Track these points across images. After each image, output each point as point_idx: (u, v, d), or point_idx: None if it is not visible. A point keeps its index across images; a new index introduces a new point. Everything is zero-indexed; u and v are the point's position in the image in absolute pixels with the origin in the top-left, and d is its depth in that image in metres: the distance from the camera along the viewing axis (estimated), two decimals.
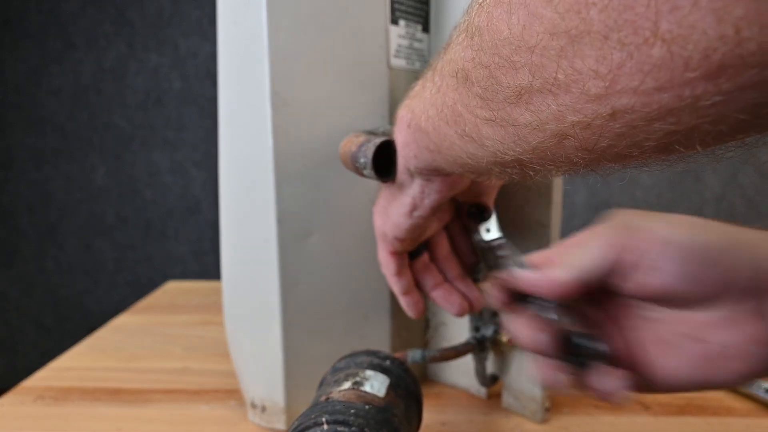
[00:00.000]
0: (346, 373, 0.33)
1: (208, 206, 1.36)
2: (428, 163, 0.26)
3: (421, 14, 0.44)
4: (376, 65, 0.41)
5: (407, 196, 0.30)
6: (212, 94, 1.32)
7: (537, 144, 0.17)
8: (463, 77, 0.19)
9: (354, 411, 0.27)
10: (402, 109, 0.28)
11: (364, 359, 0.34)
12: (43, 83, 1.35)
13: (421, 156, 0.26)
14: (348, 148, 0.34)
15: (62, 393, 0.49)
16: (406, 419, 0.30)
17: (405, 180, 0.30)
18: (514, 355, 0.43)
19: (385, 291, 0.45)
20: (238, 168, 0.44)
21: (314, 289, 0.42)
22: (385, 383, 0.31)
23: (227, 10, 0.43)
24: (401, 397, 0.31)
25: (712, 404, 0.46)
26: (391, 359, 0.34)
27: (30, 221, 1.41)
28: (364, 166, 0.32)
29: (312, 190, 0.41)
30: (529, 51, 0.14)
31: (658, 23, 0.11)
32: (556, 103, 0.15)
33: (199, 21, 1.29)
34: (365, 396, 0.29)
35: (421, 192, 0.29)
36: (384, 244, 0.35)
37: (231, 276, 0.49)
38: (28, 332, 1.47)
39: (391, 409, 0.29)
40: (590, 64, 0.13)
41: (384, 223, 0.34)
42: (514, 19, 0.15)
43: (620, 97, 0.13)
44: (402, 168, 0.29)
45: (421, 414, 0.34)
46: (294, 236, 0.41)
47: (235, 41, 0.43)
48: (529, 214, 0.41)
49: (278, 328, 0.42)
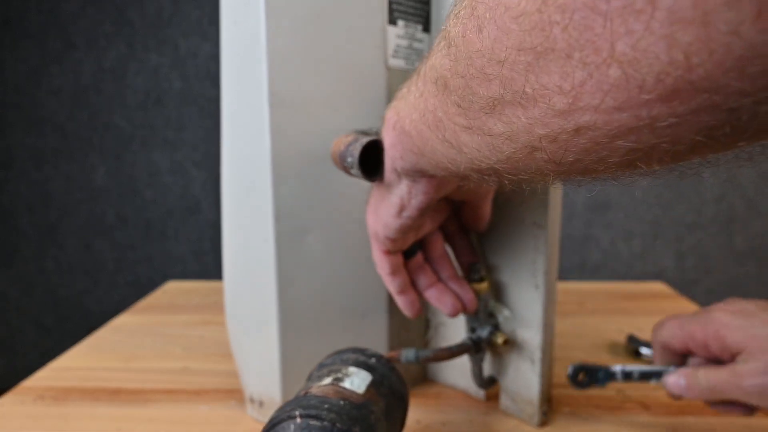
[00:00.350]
0: (330, 369, 0.33)
1: (208, 206, 1.36)
2: (413, 164, 0.27)
3: (422, 14, 0.44)
4: (374, 66, 0.42)
5: (395, 197, 0.31)
6: (212, 94, 1.32)
7: (510, 154, 0.17)
8: (442, 85, 0.19)
9: (328, 406, 0.28)
10: (389, 111, 0.28)
11: (350, 356, 0.35)
12: (43, 83, 1.35)
13: (407, 157, 0.27)
14: (337, 148, 0.34)
15: (62, 393, 0.49)
16: (386, 417, 0.30)
17: (393, 180, 0.30)
18: (512, 357, 0.43)
19: (382, 291, 0.45)
20: (238, 167, 0.45)
21: (311, 287, 0.43)
22: (366, 380, 0.32)
23: (228, 10, 0.44)
24: (383, 395, 0.32)
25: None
26: (377, 357, 0.35)
27: (30, 221, 1.41)
28: (351, 165, 0.33)
29: (309, 190, 0.41)
30: (500, 64, 0.15)
31: (615, 45, 0.11)
32: (525, 115, 0.15)
33: (199, 21, 1.29)
34: (343, 392, 0.30)
35: (408, 192, 0.30)
36: (377, 243, 0.36)
37: (232, 273, 0.49)
38: (28, 332, 1.47)
39: (369, 406, 0.29)
40: (555, 81, 0.13)
41: (375, 223, 0.34)
42: (485, 33, 0.15)
43: (583, 113, 0.13)
44: (389, 168, 0.29)
45: (406, 413, 0.34)
46: (291, 235, 0.41)
47: (236, 41, 0.43)
48: (525, 215, 0.40)
49: (275, 325, 0.42)
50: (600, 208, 1.26)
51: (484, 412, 0.45)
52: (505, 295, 0.43)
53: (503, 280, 0.44)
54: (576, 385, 0.40)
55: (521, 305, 0.42)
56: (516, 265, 0.41)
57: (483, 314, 0.42)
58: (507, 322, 0.43)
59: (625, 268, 1.28)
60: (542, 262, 0.39)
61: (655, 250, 1.27)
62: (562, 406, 0.45)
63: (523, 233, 0.40)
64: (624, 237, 1.27)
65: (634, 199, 1.25)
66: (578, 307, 0.76)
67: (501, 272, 0.44)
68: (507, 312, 0.43)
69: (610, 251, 1.27)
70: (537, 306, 0.40)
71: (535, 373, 0.40)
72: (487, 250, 0.44)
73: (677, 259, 1.26)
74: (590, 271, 1.29)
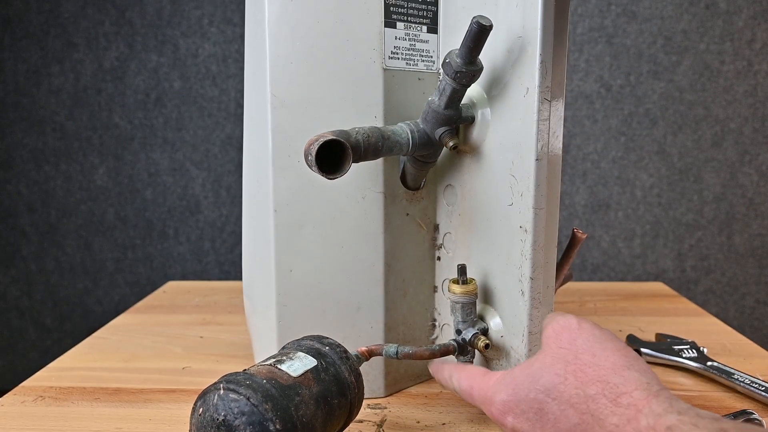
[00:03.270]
0: (283, 352, 0.36)
1: (208, 206, 1.36)
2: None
3: (427, 15, 0.46)
4: (370, 68, 0.43)
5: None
6: (212, 94, 1.32)
7: None
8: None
9: (250, 383, 0.30)
10: (657, 418, 0.25)
11: (306, 342, 0.37)
12: (43, 83, 1.35)
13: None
14: (305, 146, 0.35)
15: (62, 393, 0.49)
16: (318, 402, 0.32)
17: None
18: (501, 363, 0.42)
19: (379, 286, 0.47)
20: (252, 162, 0.50)
21: (307, 278, 0.45)
22: (307, 366, 0.33)
23: (249, 22, 0.48)
24: (323, 382, 0.33)
25: (712, 404, 0.46)
26: (332, 346, 0.36)
27: (30, 221, 1.41)
28: (311, 164, 0.34)
29: (306, 185, 0.44)
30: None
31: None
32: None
33: (199, 21, 1.29)
34: (276, 373, 0.32)
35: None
36: (491, 411, 0.33)
37: (248, 257, 0.54)
38: (28, 332, 1.47)
39: (297, 388, 0.31)
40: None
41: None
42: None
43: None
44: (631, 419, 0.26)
45: (354, 402, 0.36)
46: (288, 226, 0.44)
47: (251, 48, 0.48)
48: (513, 219, 0.40)
49: (274, 310, 0.46)
50: (600, 208, 1.26)
51: (484, 415, 0.45)
52: (494, 301, 0.43)
53: (493, 285, 0.43)
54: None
55: (509, 311, 0.41)
56: (504, 270, 0.41)
57: (469, 316, 0.42)
58: (497, 327, 0.42)
59: (625, 268, 1.28)
60: (528, 267, 0.38)
61: (655, 250, 1.27)
62: None
63: (512, 237, 0.40)
64: (624, 237, 1.27)
65: (634, 198, 1.25)
66: (578, 307, 0.76)
67: (491, 277, 0.43)
68: (497, 317, 0.43)
69: (610, 251, 1.27)
70: (522, 313, 0.39)
71: None
72: (479, 253, 0.44)
73: (677, 259, 1.26)
74: (590, 271, 1.29)
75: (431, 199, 0.49)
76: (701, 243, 1.25)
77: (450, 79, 0.37)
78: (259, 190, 0.47)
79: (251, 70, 0.48)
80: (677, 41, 1.21)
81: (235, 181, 1.36)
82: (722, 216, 1.23)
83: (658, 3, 1.20)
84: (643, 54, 1.22)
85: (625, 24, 1.21)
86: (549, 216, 0.38)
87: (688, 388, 0.50)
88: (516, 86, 0.38)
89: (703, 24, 1.20)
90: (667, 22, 1.21)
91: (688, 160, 1.23)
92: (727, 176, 1.23)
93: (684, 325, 0.67)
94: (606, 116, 1.24)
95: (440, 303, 0.50)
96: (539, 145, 0.36)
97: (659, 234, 1.26)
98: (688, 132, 1.23)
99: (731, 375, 0.49)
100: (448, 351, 0.41)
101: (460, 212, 0.46)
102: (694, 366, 0.52)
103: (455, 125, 0.41)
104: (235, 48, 1.29)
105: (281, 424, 0.29)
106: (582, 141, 1.25)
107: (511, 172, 0.39)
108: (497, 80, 0.40)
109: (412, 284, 0.48)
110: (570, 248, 0.45)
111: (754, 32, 1.20)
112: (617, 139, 1.24)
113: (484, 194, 0.43)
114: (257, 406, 0.29)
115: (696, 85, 1.22)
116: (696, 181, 1.23)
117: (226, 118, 1.32)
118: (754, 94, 1.21)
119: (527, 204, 0.38)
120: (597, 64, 1.23)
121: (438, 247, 0.50)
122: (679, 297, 0.80)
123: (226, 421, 0.29)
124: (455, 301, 0.41)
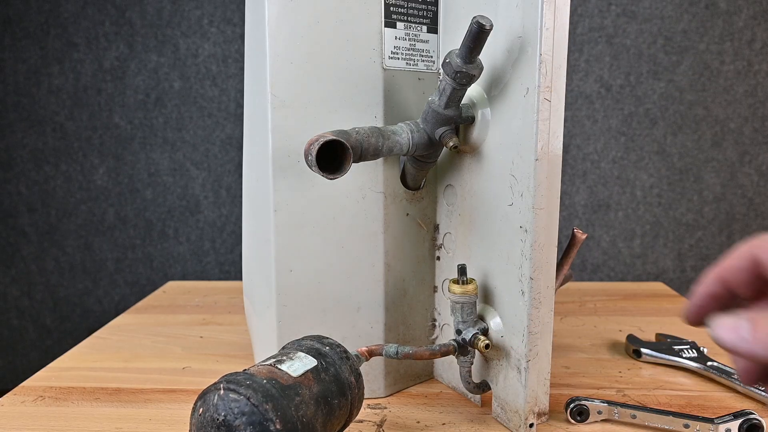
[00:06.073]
0: (283, 352, 0.36)
1: (208, 206, 1.36)
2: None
3: (427, 15, 0.46)
4: (370, 68, 0.43)
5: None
6: (212, 94, 1.32)
7: None
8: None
9: (250, 383, 0.30)
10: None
11: (307, 342, 0.37)
12: (43, 83, 1.35)
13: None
14: (305, 147, 0.35)
15: (62, 393, 0.49)
16: (318, 402, 0.32)
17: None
18: (502, 364, 0.42)
19: (379, 286, 0.47)
20: (252, 162, 0.50)
21: (307, 278, 0.45)
22: (308, 366, 0.33)
23: (249, 22, 0.48)
24: (323, 381, 0.33)
25: (712, 404, 0.46)
26: (332, 346, 0.36)
27: (30, 221, 1.41)
28: (311, 164, 0.34)
29: (306, 185, 0.44)
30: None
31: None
32: None
33: (199, 21, 1.29)
34: (276, 373, 0.32)
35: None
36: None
37: (248, 257, 0.54)
38: (28, 332, 1.47)
39: (297, 388, 0.31)
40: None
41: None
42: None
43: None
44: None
45: (355, 402, 0.36)
46: (288, 226, 0.44)
47: (252, 48, 0.47)
48: (513, 219, 0.40)
49: (274, 310, 0.45)
50: (600, 208, 1.26)
51: (485, 413, 0.45)
52: (494, 301, 0.43)
53: (493, 285, 0.43)
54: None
55: (509, 311, 0.41)
56: (504, 270, 0.41)
57: (470, 316, 0.42)
58: (497, 327, 0.42)
59: (625, 268, 1.28)
60: (528, 267, 0.38)
61: (655, 250, 1.27)
62: (562, 405, 0.45)
63: (512, 237, 0.40)
64: (624, 237, 1.27)
65: (634, 199, 1.25)
66: (578, 307, 0.76)
67: (491, 277, 0.43)
68: (497, 317, 0.43)
69: (610, 251, 1.27)
70: (522, 313, 0.39)
71: (521, 382, 0.40)
72: (479, 253, 0.44)
73: (677, 259, 1.26)
74: (590, 271, 1.29)
75: (431, 199, 0.49)
76: (701, 243, 1.25)
77: (450, 79, 0.37)
78: (259, 190, 0.47)
79: (251, 70, 0.48)
80: (677, 41, 1.21)
81: (235, 181, 1.36)
82: (722, 216, 1.23)
83: (658, 3, 1.20)
84: (643, 54, 1.22)
85: (625, 24, 1.21)
86: (549, 216, 0.38)
87: (688, 388, 0.50)
88: (516, 86, 0.38)
89: (703, 24, 1.20)
90: (667, 22, 1.21)
91: (688, 160, 1.23)
92: (727, 176, 1.23)
93: (684, 325, 0.67)
94: (606, 116, 1.24)
95: (440, 303, 0.50)
96: (539, 145, 0.36)
97: (659, 234, 1.26)
98: (688, 132, 1.23)
99: (731, 375, 0.49)
100: (448, 351, 0.41)
101: (460, 212, 0.46)
102: (694, 366, 0.52)
103: (455, 125, 0.41)
104: (235, 48, 1.29)
105: (281, 424, 0.29)
106: (582, 141, 1.25)
107: (511, 172, 0.39)
108: (497, 80, 0.40)
109: (412, 284, 0.48)
110: (570, 248, 0.45)
111: (754, 32, 1.20)
112: (617, 139, 1.24)
113: (484, 194, 0.43)
114: (257, 406, 0.29)
115: (696, 85, 1.22)
116: (696, 181, 1.23)
117: (226, 118, 1.32)
118: (754, 94, 1.22)
119: (527, 204, 0.38)
120: (597, 64, 1.23)
121: (438, 247, 0.50)
122: (679, 297, 0.80)
123: (227, 421, 0.29)
124: (455, 301, 0.41)
